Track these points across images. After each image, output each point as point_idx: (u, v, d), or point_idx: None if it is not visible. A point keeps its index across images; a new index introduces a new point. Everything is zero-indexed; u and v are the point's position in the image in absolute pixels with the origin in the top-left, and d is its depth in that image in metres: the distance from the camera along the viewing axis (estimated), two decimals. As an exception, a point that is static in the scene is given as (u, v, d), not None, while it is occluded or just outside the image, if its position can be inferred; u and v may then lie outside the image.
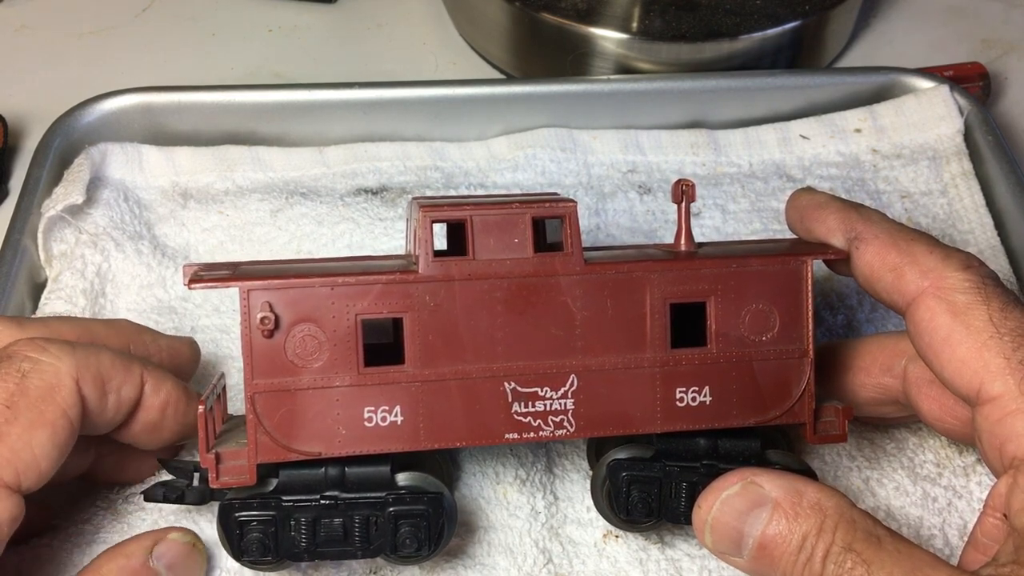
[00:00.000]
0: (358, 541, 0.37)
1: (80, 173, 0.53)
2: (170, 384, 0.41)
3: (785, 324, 0.40)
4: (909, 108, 0.60)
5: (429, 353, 0.37)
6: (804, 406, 0.40)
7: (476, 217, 0.38)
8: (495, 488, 0.45)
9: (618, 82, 0.61)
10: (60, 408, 0.36)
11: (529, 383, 0.38)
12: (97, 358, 0.38)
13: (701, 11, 0.64)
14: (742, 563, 0.36)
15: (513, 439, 0.38)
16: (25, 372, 0.36)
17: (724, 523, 0.36)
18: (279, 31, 0.73)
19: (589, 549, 0.44)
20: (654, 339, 0.39)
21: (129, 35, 0.72)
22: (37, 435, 0.35)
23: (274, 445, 0.37)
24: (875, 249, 0.40)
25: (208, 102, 0.58)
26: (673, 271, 0.39)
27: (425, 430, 0.38)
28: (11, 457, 0.35)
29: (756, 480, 0.36)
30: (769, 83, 0.61)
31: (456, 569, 0.43)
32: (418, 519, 0.38)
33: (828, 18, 0.66)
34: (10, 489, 0.35)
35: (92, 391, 0.37)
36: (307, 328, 0.37)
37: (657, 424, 0.39)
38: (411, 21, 0.74)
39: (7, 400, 0.35)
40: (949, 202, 0.57)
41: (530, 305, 0.38)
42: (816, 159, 0.60)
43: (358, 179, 0.58)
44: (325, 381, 0.37)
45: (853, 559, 0.33)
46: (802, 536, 0.34)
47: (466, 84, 0.60)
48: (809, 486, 0.35)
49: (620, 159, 0.59)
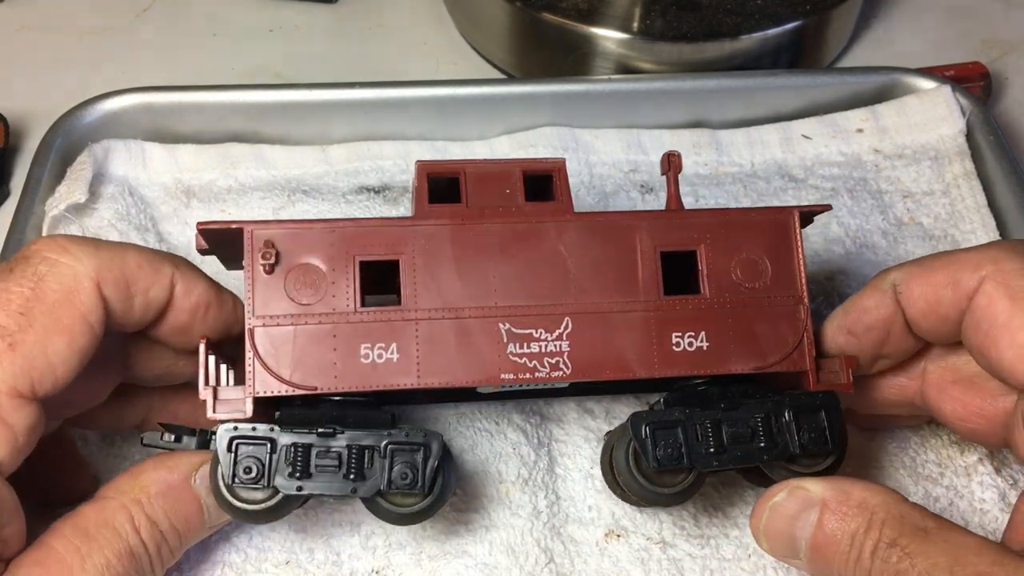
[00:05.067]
0: (353, 475, 0.36)
1: (83, 171, 0.53)
2: (202, 286, 0.39)
3: (777, 273, 0.40)
4: (911, 108, 0.60)
5: (424, 294, 0.38)
6: (804, 354, 0.40)
7: (469, 169, 0.40)
8: (497, 487, 0.45)
9: (620, 82, 0.61)
10: (78, 312, 0.35)
11: (523, 324, 0.38)
12: (123, 259, 0.37)
13: (702, 11, 0.64)
14: (802, 564, 0.37)
15: (509, 379, 0.38)
16: (42, 275, 0.35)
17: (776, 529, 0.37)
18: (280, 31, 0.73)
19: (591, 548, 0.44)
20: (646, 285, 0.39)
21: (129, 35, 0.72)
22: (53, 342, 0.34)
23: (271, 379, 0.37)
24: (919, 280, 0.39)
25: (209, 102, 0.58)
26: (662, 220, 0.40)
27: (422, 367, 0.38)
28: (25, 366, 0.34)
29: (803, 484, 0.36)
30: (770, 83, 0.61)
31: (458, 568, 0.43)
32: (414, 454, 0.37)
33: (829, 18, 0.66)
34: (25, 399, 0.34)
35: (115, 293, 0.36)
36: (307, 267, 0.38)
37: (655, 368, 0.39)
38: (412, 21, 0.74)
39: (22, 307, 0.34)
40: (951, 202, 0.57)
41: (522, 250, 0.39)
42: (818, 159, 0.60)
43: (360, 177, 0.58)
44: (323, 318, 0.37)
45: (898, 553, 0.33)
46: (851, 535, 0.34)
47: (468, 84, 0.60)
48: (856, 485, 0.36)
49: (622, 158, 0.59)
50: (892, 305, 0.40)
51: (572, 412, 0.48)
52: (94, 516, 0.36)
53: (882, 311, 0.40)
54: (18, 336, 0.34)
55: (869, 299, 0.41)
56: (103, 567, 0.35)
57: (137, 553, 0.36)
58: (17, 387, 0.33)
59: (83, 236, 0.37)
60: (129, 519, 0.36)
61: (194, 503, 0.38)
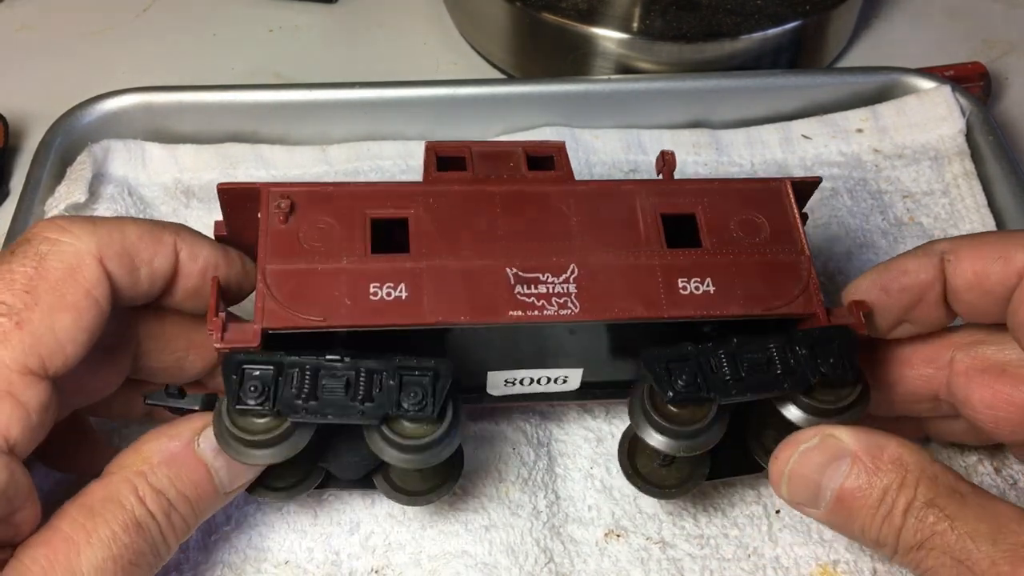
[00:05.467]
0: (360, 397, 0.36)
1: (83, 171, 0.53)
2: (207, 249, 0.39)
3: (775, 231, 0.41)
4: (911, 108, 0.60)
5: (432, 243, 0.39)
6: (811, 297, 0.40)
7: (475, 148, 0.43)
8: (497, 487, 0.45)
9: (619, 82, 0.61)
10: (83, 288, 0.35)
11: (530, 269, 0.39)
12: (121, 233, 0.37)
13: (702, 11, 0.64)
14: (819, 514, 0.36)
15: (517, 316, 0.38)
16: (44, 255, 0.35)
17: (802, 475, 0.36)
18: (280, 31, 0.73)
19: (590, 548, 0.44)
20: (649, 240, 0.40)
21: (129, 35, 0.72)
22: (60, 318, 0.34)
23: (280, 310, 0.37)
24: (969, 250, 0.39)
25: (209, 102, 0.58)
26: (660, 186, 0.42)
27: (429, 304, 0.38)
28: (34, 343, 0.34)
29: (835, 433, 0.36)
30: (770, 83, 0.61)
31: (458, 568, 0.43)
32: (423, 378, 0.37)
33: (829, 18, 0.66)
34: (37, 376, 0.34)
35: (119, 267, 0.36)
36: (320, 222, 0.39)
37: (663, 309, 0.39)
38: (412, 21, 0.74)
39: (26, 285, 0.34)
40: (951, 202, 0.57)
41: (527, 210, 0.40)
42: (818, 159, 0.60)
43: (360, 177, 0.58)
44: (334, 261, 0.38)
45: (936, 514, 0.33)
46: (882, 490, 0.34)
47: (468, 84, 0.60)
48: (891, 440, 0.35)
49: (622, 158, 0.59)
50: (934, 272, 0.40)
51: (572, 412, 0.48)
52: (99, 492, 0.35)
53: (922, 275, 0.40)
54: (24, 314, 0.34)
55: (912, 262, 0.40)
56: (109, 540, 0.34)
57: (144, 523, 0.35)
58: (28, 364, 0.33)
59: (81, 215, 0.37)
60: (133, 491, 0.36)
61: (200, 468, 0.37)
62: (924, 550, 0.33)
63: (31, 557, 0.33)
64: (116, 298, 0.37)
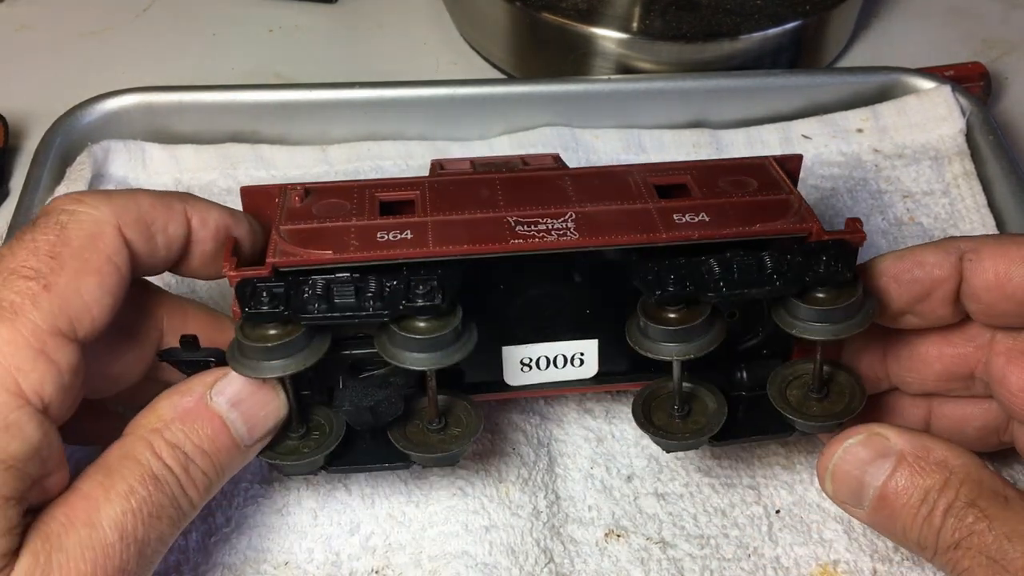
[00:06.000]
0: (371, 297, 0.37)
1: (82, 172, 0.53)
2: (216, 213, 0.40)
3: (763, 184, 0.43)
4: (911, 108, 0.60)
5: (436, 206, 0.41)
6: (806, 218, 0.40)
7: (478, 161, 0.47)
8: (497, 487, 0.45)
9: (619, 82, 0.61)
10: (104, 254, 0.36)
11: (530, 218, 0.40)
12: (135, 202, 0.38)
13: (702, 11, 0.64)
14: (862, 515, 0.36)
15: (518, 244, 0.39)
16: (64, 224, 0.36)
17: (845, 472, 0.36)
18: (280, 31, 0.73)
19: (591, 548, 0.44)
20: (643, 196, 0.42)
21: (129, 35, 0.72)
22: (85, 282, 0.35)
23: (290, 250, 0.38)
24: (993, 251, 0.39)
25: (209, 102, 0.58)
26: (649, 166, 0.45)
27: (435, 241, 0.39)
28: (63, 304, 0.34)
29: (882, 432, 0.36)
30: (770, 83, 0.61)
31: (458, 568, 0.43)
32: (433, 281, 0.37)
33: (829, 18, 0.66)
34: (67, 337, 0.34)
35: (136, 234, 0.37)
36: (333, 202, 0.42)
37: (660, 233, 0.39)
38: (412, 21, 0.74)
39: (50, 251, 0.35)
40: (951, 202, 0.57)
41: (525, 186, 0.43)
42: (818, 159, 0.60)
43: (360, 177, 0.57)
44: (344, 222, 0.40)
45: (975, 514, 0.33)
46: (925, 490, 0.34)
47: (468, 84, 0.60)
48: (938, 443, 0.35)
49: (622, 158, 0.59)
50: (951, 269, 0.39)
51: (572, 412, 0.48)
52: (116, 452, 0.36)
53: (937, 270, 0.40)
54: (51, 278, 0.34)
55: (931, 255, 0.40)
56: (126, 493, 0.35)
57: (161, 476, 0.36)
58: (58, 325, 0.34)
59: (95, 190, 0.38)
60: (148, 447, 0.36)
61: (215, 420, 0.37)
62: (961, 549, 0.33)
63: (51, 515, 0.34)
64: (135, 265, 0.38)
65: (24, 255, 0.35)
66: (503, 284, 0.41)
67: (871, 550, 0.43)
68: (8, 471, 0.32)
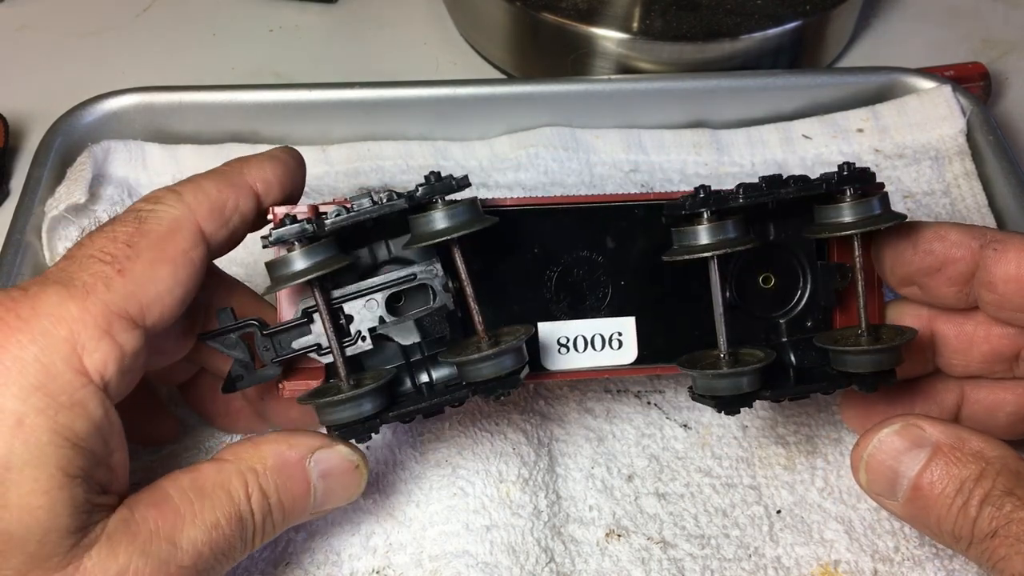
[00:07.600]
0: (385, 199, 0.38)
1: (82, 172, 0.53)
2: (268, 169, 0.40)
3: None
4: (911, 108, 0.60)
5: None
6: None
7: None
8: (498, 487, 0.45)
9: (620, 82, 0.61)
10: (180, 248, 0.37)
11: None
12: (204, 192, 0.38)
13: (702, 11, 0.64)
14: (896, 507, 0.36)
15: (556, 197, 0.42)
16: (143, 218, 0.37)
17: (880, 462, 0.36)
18: (280, 31, 0.73)
19: (591, 548, 0.44)
20: None
21: (129, 35, 0.72)
22: (160, 270, 0.36)
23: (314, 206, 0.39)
24: (1019, 246, 0.39)
25: (209, 102, 0.58)
26: None
27: None
28: (135, 290, 0.35)
29: (918, 422, 0.36)
30: (771, 83, 0.61)
31: (458, 568, 0.43)
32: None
33: (829, 18, 0.66)
34: (134, 322, 0.35)
35: (213, 225, 0.38)
36: None
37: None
38: (412, 21, 0.74)
39: (128, 240, 0.36)
40: (952, 202, 0.57)
41: None
42: (818, 159, 0.60)
43: (361, 178, 0.58)
44: None
45: (1014, 502, 0.33)
46: (960, 481, 0.34)
47: (468, 84, 0.60)
48: (973, 435, 0.35)
49: (623, 158, 0.59)
50: (969, 252, 0.39)
51: (572, 412, 0.48)
52: (212, 475, 0.37)
53: (955, 249, 0.40)
54: (127, 264, 0.35)
55: (955, 233, 0.40)
56: (212, 526, 0.35)
57: (245, 520, 0.37)
58: (127, 310, 0.35)
59: (169, 187, 0.39)
60: (244, 485, 0.37)
61: (304, 483, 0.38)
62: (998, 538, 0.33)
63: (143, 515, 0.34)
64: (212, 254, 0.38)
65: (103, 242, 0.36)
66: (538, 247, 0.42)
67: (872, 550, 0.43)
68: (74, 449, 0.32)
